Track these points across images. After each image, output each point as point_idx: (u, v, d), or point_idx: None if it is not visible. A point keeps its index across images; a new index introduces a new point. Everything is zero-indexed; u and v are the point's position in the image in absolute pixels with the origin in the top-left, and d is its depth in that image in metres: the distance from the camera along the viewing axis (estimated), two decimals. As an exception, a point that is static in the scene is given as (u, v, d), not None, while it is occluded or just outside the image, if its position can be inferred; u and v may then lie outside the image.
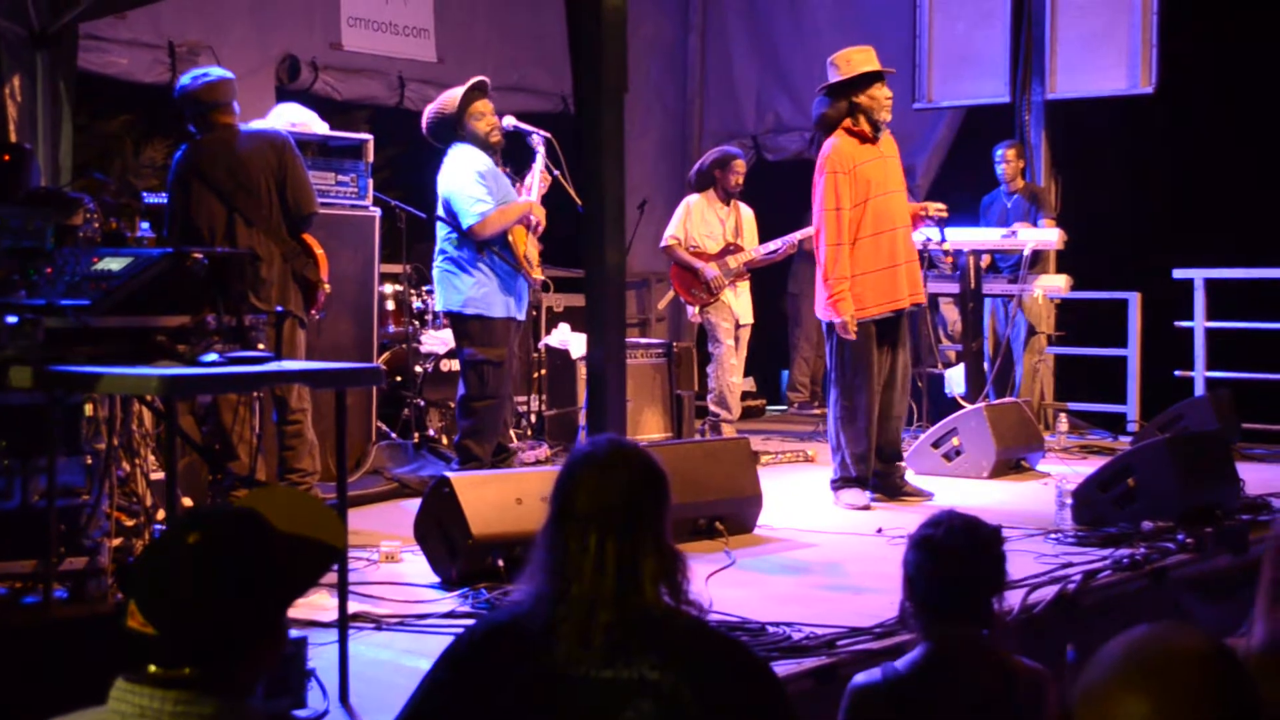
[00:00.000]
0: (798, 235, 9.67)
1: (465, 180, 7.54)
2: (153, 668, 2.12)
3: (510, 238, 7.66)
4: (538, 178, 7.87)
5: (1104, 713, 1.73)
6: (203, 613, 2.13)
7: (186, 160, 6.85)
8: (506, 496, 5.84)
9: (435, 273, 7.82)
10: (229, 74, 7.03)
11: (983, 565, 3.37)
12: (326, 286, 7.08)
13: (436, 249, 7.83)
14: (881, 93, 7.60)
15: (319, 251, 7.02)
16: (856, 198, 7.49)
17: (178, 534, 2.24)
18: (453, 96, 7.70)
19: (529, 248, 7.75)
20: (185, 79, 6.97)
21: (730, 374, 9.74)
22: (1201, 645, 1.77)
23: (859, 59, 7.62)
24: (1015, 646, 3.45)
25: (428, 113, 7.79)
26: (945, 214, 8.24)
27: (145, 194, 7.01)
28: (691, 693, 2.57)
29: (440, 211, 7.70)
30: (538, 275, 7.88)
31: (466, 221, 7.50)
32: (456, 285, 7.63)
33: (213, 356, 4.36)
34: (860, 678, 3.36)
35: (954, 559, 3.32)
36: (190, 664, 2.12)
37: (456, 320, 7.73)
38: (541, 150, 7.92)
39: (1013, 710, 3.22)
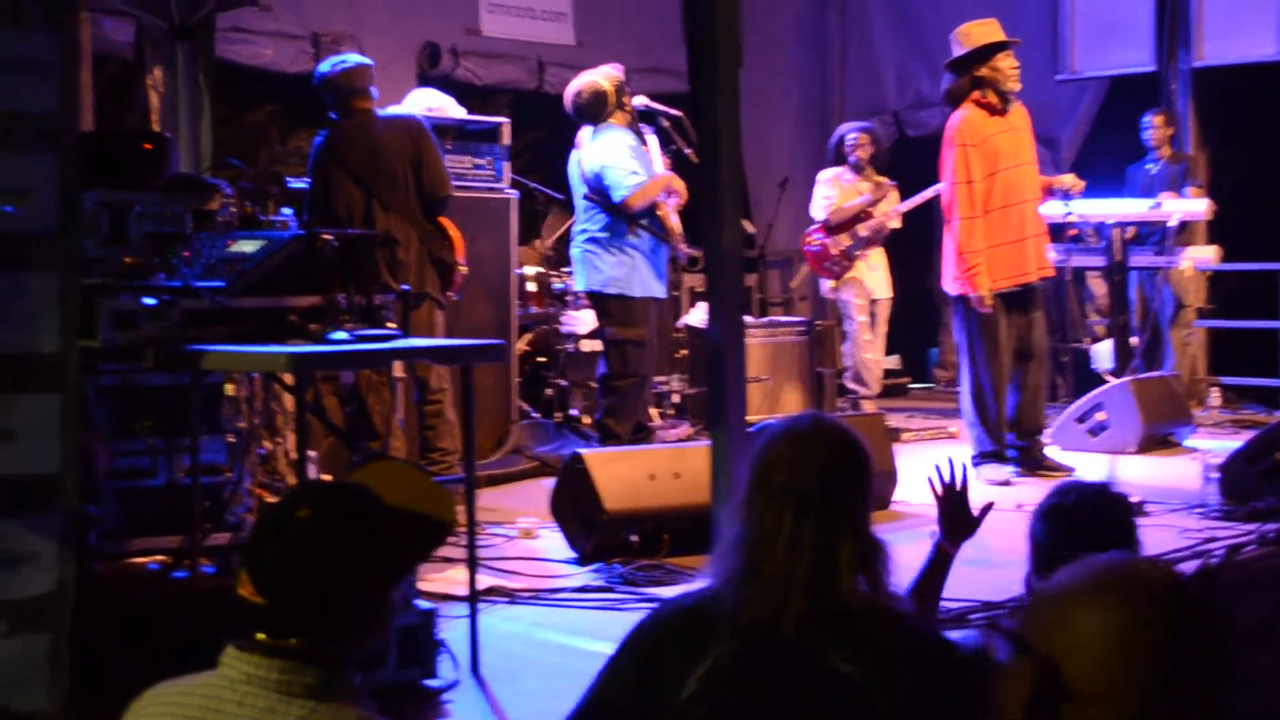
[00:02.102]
0: (927, 193, 9.53)
1: (619, 155, 7.63)
2: (261, 636, 2.18)
3: (658, 211, 7.72)
4: (659, 156, 7.92)
5: (1057, 623, 1.70)
6: (309, 586, 2.16)
7: (325, 146, 6.98)
8: (639, 472, 5.90)
9: (576, 252, 7.90)
10: (367, 60, 7.15)
11: (1112, 533, 3.31)
12: (463, 268, 7.18)
13: (577, 229, 7.90)
14: (1006, 63, 7.52)
15: (455, 234, 7.11)
16: (986, 170, 7.41)
17: (289, 507, 2.29)
18: (599, 78, 7.76)
19: (673, 220, 7.83)
20: (324, 66, 7.11)
21: (864, 350, 9.66)
22: (1164, 572, 1.75)
23: (979, 32, 7.57)
24: None
25: (575, 91, 7.85)
26: (1081, 187, 8.12)
27: (288, 179, 7.15)
28: (884, 691, 2.45)
29: (582, 190, 7.77)
30: (684, 248, 7.94)
31: (620, 194, 7.57)
32: (598, 265, 7.71)
33: (341, 334, 4.46)
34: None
35: (1083, 527, 3.27)
36: (296, 635, 2.15)
37: (597, 300, 7.80)
38: (656, 131, 7.96)
39: None
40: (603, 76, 7.81)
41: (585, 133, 7.84)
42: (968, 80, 7.50)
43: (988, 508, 3.59)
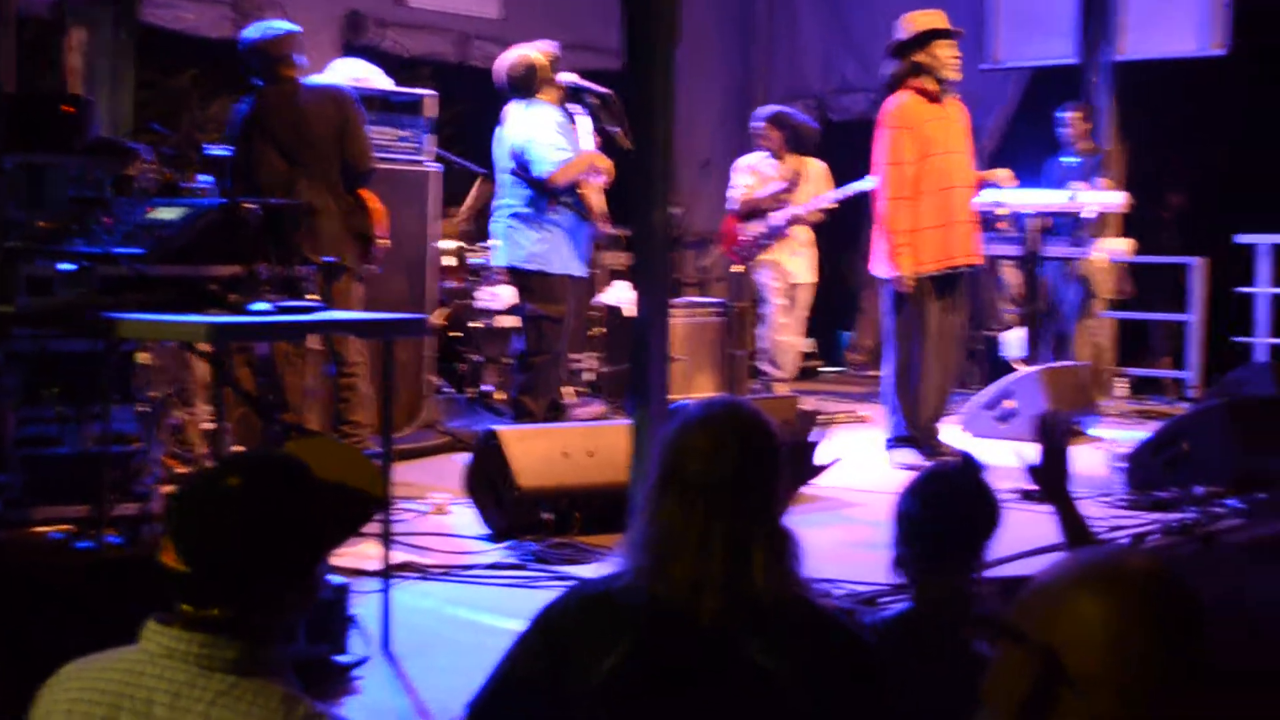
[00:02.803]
0: (846, 190, 9.56)
1: (545, 130, 7.61)
2: (184, 606, 2.16)
3: (580, 189, 7.71)
4: (589, 135, 7.90)
5: (1055, 613, 1.76)
6: (236, 555, 2.15)
7: (249, 113, 6.91)
8: (553, 450, 5.91)
9: (497, 227, 7.87)
10: (295, 27, 7.08)
11: (976, 507, 3.36)
12: (383, 241, 7.14)
13: (498, 203, 7.88)
14: (945, 51, 7.58)
15: (377, 207, 7.07)
16: (917, 154, 7.49)
17: (219, 475, 2.26)
18: (531, 52, 7.74)
19: (595, 199, 7.82)
20: (251, 32, 7.02)
21: (779, 333, 9.66)
22: (1153, 563, 1.80)
23: (923, 19, 7.65)
24: (998, 605, 3.43)
25: (506, 64, 7.82)
26: (1014, 183, 8.23)
27: (206, 146, 7.07)
28: (800, 682, 2.45)
29: (507, 164, 7.74)
30: (605, 227, 7.94)
31: (544, 169, 7.55)
32: (519, 240, 7.70)
33: (262, 305, 4.43)
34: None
35: (952, 506, 3.32)
36: (219, 605, 2.14)
37: (517, 275, 7.79)
38: (586, 110, 7.94)
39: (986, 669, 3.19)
40: (535, 50, 7.79)
41: (513, 107, 7.81)
42: (908, 65, 7.57)
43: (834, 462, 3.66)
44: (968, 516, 3.32)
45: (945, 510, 3.30)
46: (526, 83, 7.74)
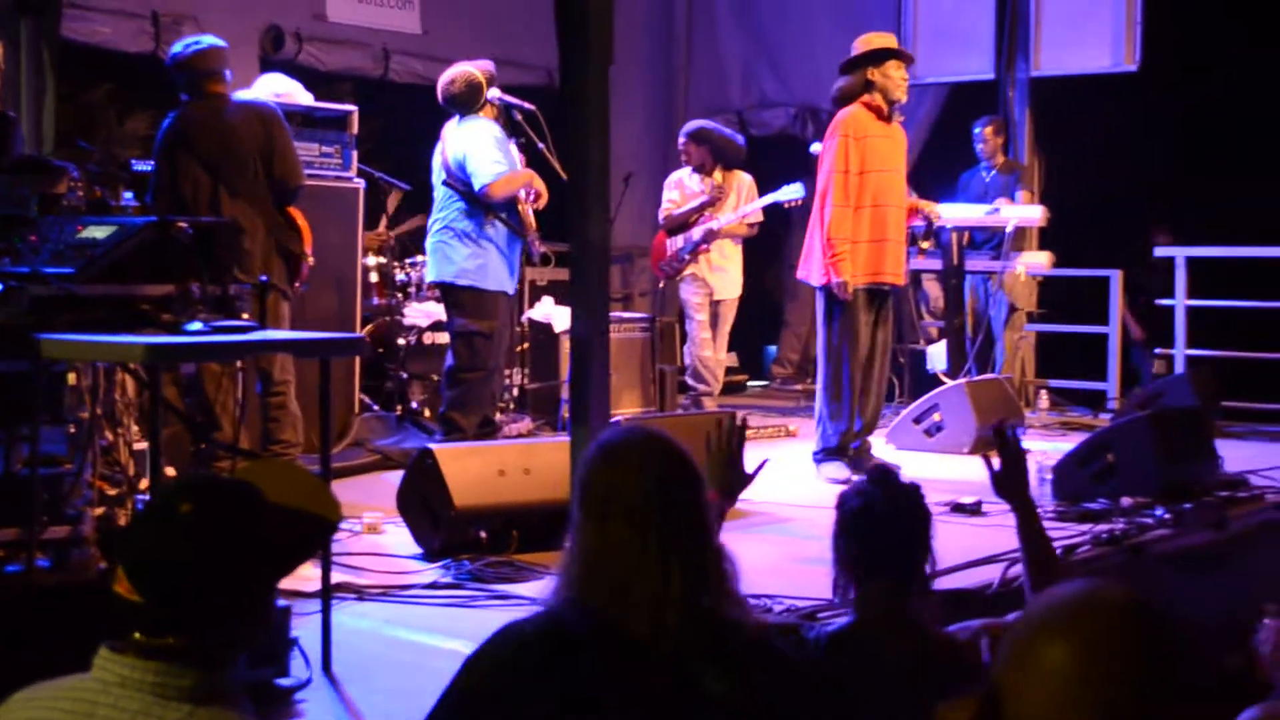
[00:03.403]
0: (765, 200, 9.61)
1: (484, 143, 7.60)
2: (137, 635, 2.12)
3: (519, 205, 7.70)
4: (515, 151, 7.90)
5: (1026, 661, 1.75)
6: (190, 583, 2.12)
7: (173, 128, 6.82)
8: (489, 468, 5.87)
9: (430, 242, 7.83)
10: (221, 42, 7.00)
11: (905, 521, 3.38)
12: (310, 259, 7.08)
13: (432, 218, 7.83)
14: (897, 72, 7.72)
15: (302, 224, 7.01)
16: (862, 166, 7.56)
17: (170, 502, 2.21)
18: (474, 69, 7.75)
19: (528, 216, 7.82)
20: (177, 46, 6.94)
21: (703, 348, 9.66)
22: (1122, 597, 1.79)
23: (878, 39, 7.80)
24: (939, 618, 3.46)
25: (449, 79, 7.79)
26: (938, 218, 8.37)
27: (134, 162, 6.98)
28: (750, 707, 2.48)
29: (441, 176, 7.71)
30: (538, 244, 7.92)
31: (482, 181, 7.53)
32: (450, 255, 7.66)
33: (197, 325, 4.37)
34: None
35: (877, 517, 3.33)
36: (174, 633, 2.11)
37: (448, 290, 7.74)
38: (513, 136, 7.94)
39: (930, 681, 3.21)
40: (477, 68, 7.78)
41: (451, 123, 7.79)
42: (861, 81, 7.66)
43: (763, 464, 3.70)
44: (900, 527, 3.35)
45: (877, 522, 3.33)
46: (467, 99, 7.72)
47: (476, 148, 7.58)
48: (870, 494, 3.37)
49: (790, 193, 9.49)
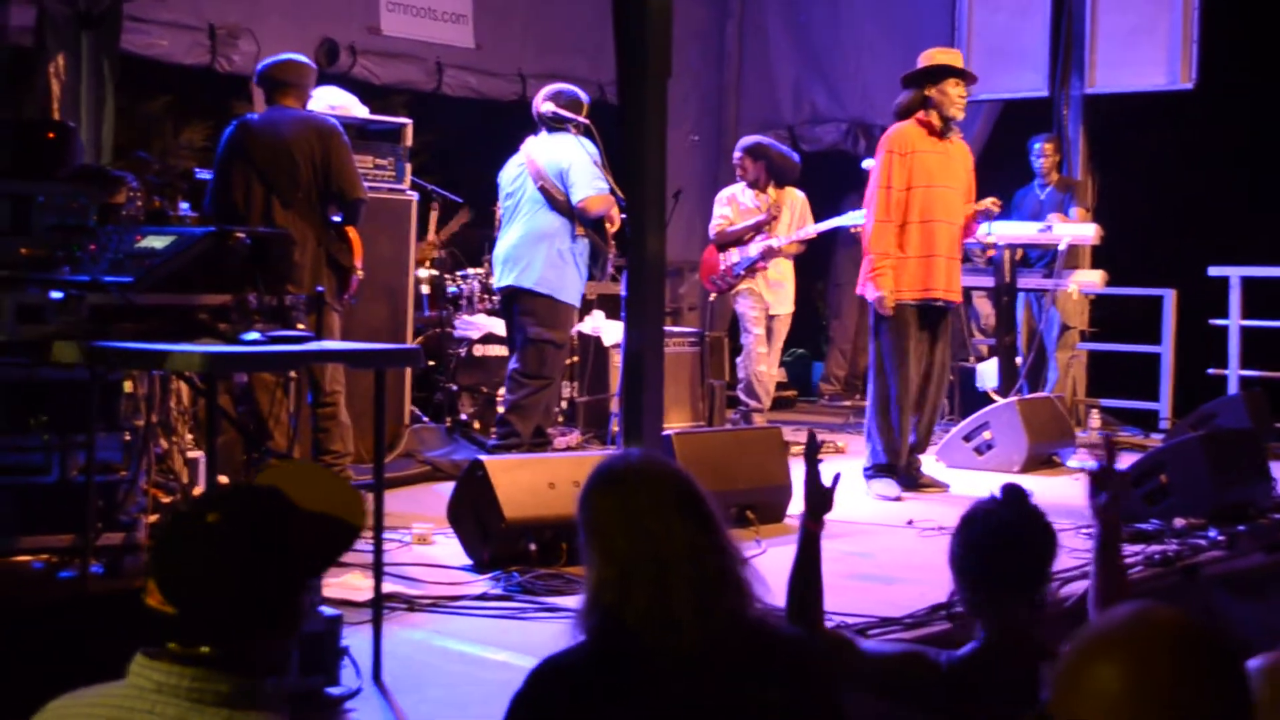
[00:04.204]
0: (821, 226, 9.64)
1: (586, 160, 7.68)
2: (172, 645, 2.13)
3: (606, 223, 7.77)
4: None
5: (1078, 683, 1.73)
6: (220, 592, 2.14)
7: (233, 138, 6.90)
8: (539, 481, 5.88)
9: (509, 248, 7.82)
10: (302, 58, 7.16)
11: (1029, 537, 3.36)
12: (360, 272, 7.12)
13: (512, 227, 7.85)
14: (955, 90, 7.72)
15: (354, 238, 7.05)
16: (908, 181, 7.56)
17: (197, 512, 2.23)
18: (578, 91, 7.91)
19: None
20: (265, 60, 7.16)
21: (758, 363, 9.68)
22: (1177, 620, 1.75)
23: (941, 56, 7.82)
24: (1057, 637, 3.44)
25: (555, 91, 7.92)
26: (999, 208, 8.32)
27: (197, 170, 7.06)
28: (789, 709, 2.51)
29: (529, 187, 7.75)
30: (614, 259, 7.99)
31: (582, 194, 7.61)
32: (533, 262, 7.70)
33: (254, 335, 4.39)
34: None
35: (1005, 531, 3.32)
36: (208, 642, 2.12)
37: (525, 296, 7.74)
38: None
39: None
40: (580, 90, 7.89)
41: (538, 136, 7.85)
42: (918, 97, 7.67)
43: (837, 478, 3.61)
44: (1022, 546, 3.32)
45: (999, 543, 3.30)
46: (569, 114, 7.81)
47: (580, 161, 7.66)
48: (1002, 515, 3.35)
49: (854, 219, 9.46)
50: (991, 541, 3.31)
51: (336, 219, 7.01)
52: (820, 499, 3.50)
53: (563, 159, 7.70)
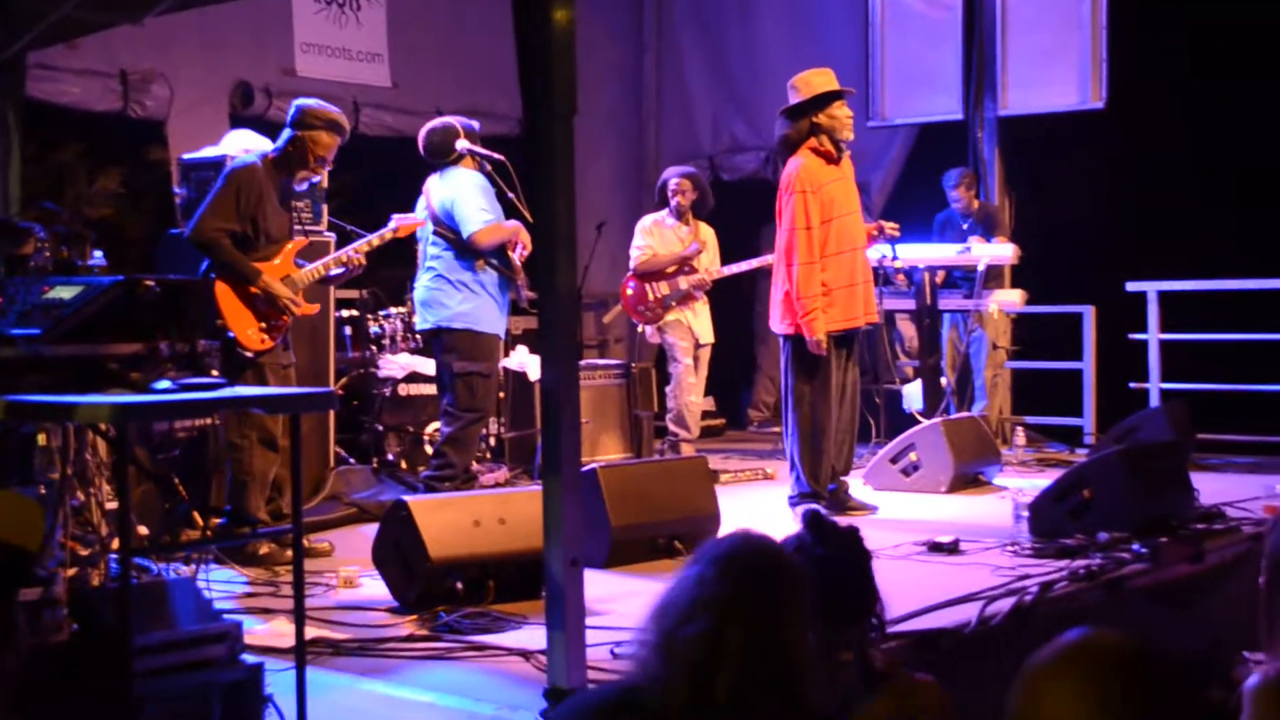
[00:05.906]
0: (755, 262, 9.75)
1: (471, 192, 7.63)
2: None
3: (509, 252, 7.71)
4: None
5: (1036, 701, 1.77)
6: None
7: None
8: (464, 519, 5.85)
9: (421, 291, 7.79)
10: (309, 102, 7.28)
11: (850, 574, 3.36)
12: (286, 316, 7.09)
13: (424, 267, 7.82)
14: (842, 112, 7.68)
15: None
16: (822, 216, 7.56)
17: None
18: (452, 119, 7.86)
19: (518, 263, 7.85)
20: None
21: (688, 393, 9.76)
22: (1126, 643, 1.83)
23: (818, 80, 7.69)
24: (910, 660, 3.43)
25: (427, 130, 7.89)
26: (898, 233, 8.36)
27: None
28: None
29: (431, 227, 7.71)
30: (526, 290, 7.95)
31: (470, 229, 7.54)
32: (444, 301, 7.66)
33: (165, 383, 4.35)
34: None
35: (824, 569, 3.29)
36: None
37: (444, 335, 7.70)
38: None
39: None
40: (457, 121, 7.86)
41: (434, 176, 7.83)
42: (806, 125, 7.65)
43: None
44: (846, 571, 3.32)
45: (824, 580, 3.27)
46: (440, 148, 7.78)
47: (463, 196, 7.61)
48: (814, 552, 3.34)
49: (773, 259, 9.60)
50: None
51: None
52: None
53: (447, 196, 7.68)
